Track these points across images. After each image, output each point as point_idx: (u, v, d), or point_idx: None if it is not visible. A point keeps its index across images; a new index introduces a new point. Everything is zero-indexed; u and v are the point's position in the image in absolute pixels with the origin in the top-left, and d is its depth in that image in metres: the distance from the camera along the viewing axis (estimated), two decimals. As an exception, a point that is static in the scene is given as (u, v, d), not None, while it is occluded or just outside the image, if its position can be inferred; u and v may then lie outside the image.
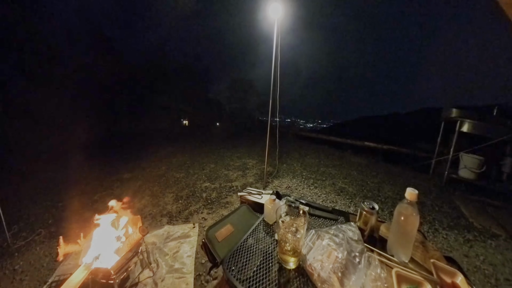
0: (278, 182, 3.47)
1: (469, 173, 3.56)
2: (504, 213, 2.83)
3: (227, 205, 2.66)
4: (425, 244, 0.79)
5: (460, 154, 3.68)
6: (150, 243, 1.87)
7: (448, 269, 0.64)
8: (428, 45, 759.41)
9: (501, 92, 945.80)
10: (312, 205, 1.03)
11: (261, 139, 4.51)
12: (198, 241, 1.95)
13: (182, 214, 2.43)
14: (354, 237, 0.73)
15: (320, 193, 3.16)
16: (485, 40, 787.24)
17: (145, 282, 1.49)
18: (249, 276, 0.63)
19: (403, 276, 0.61)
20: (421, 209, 2.80)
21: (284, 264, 0.66)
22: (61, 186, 3.23)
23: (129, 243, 1.37)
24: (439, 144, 4.61)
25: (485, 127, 3.56)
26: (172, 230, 2.10)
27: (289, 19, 2.83)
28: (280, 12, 2.64)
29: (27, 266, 1.68)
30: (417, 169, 4.72)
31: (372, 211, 0.76)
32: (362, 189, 3.39)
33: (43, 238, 2.00)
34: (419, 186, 3.64)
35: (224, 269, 0.67)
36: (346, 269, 0.62)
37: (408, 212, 0.67)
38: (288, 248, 0.64)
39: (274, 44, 2.81)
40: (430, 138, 5.62)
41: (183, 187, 3.15)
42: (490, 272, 1.81)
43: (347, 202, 2.91)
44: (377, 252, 0.72)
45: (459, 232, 2.36)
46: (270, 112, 3.14)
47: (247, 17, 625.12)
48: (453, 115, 3.88)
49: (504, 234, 2.35)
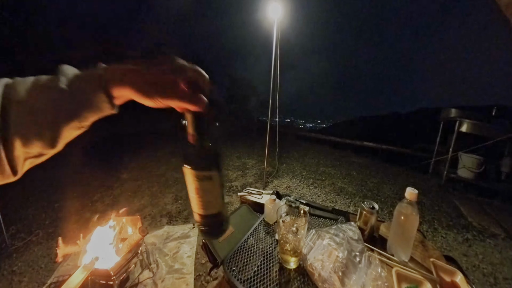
0: (277, 182, 3.47)
1: (468, 173, 3.58)
2: (503, 213, 2.84)
3: (227, 205, 2.66)
4: (424, 243, 0.79)
5: (459, 154, 3.69)
6: (150, 244, 1.86)
7: (447, 268, 0.64)
8: (428, 45, 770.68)
9: (501, 92, 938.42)
10: (312, 205, 1.03)
11: (260, 139, 4.52)
12: (198, 241, 1.95)
13: (182, 214, 2.42)
14: (355, 237, 0.73)
15: (320, 193, 3.16)
16: (485, 40, 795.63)
17: (145, 283, 1.49)
18: (249, 276, 0.63)
19: (403, 275, 0.61)
20: (421, 208, 2.81)
21: (285, 264, 0.66)
22: (60, 186, 3.21)
23: (128, 244, 1.37)
24: (438, 144, 4.63)
25: (484, 127, 3.57)
26: (172, 231, 2.09)
27: (289, 19, 2.83)
28: (280, 12, 2.64)
29: (25, 267, 1.67)
30: (417, 169, 4.73)
31: (372, 211, 0.77)
32: (361, 189, 3.40)
33: (40, 239, 1.99)
34: (419, 185, 3.65)
35: (225, 270, 0.67)
36: (347, 268, 0.62)
37: (408, 212, 0.67)
38: (289, 248, 0.64)
39: (273, 44, 2.81)
40: (429, 138, 5.64)
41: (183, 187, 3.14)
42: (489, 271, 1.82)
43: (347, 202, 2.92)
44: (377, 251, 0.72)
45: (458, 232, 2.36)
46: (269, 112, 3.14)
47: (246, 17, 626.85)
48: (452, 115, 3.90)
49: (502, 234, 2.36)
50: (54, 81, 0.28)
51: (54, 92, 0.28)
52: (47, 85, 0.28)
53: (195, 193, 0.41)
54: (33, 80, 0.28)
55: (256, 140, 7.02)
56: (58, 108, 0.28)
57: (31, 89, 0.28)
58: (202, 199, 0.42)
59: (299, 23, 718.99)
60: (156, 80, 0.29)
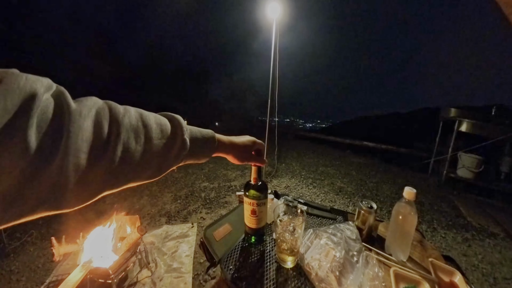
0: (277, 182, 3.47)
1: (468, 173, 3.58)
2: (502, 212, 2.84)
3: (226, 205, 2.66)
4: (423, 243, 0.79)
5: (459, 153, 3.69)
6: (149, 243, 1.86)
7: (446, 268, 0.64)
8: (427, 45, 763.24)
9: (500, 92, 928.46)
10: (310, 205, 1.03)
11: (260, 139, 4.52)
12: (196, 240, 1.95)
13: (180, 214, 2.42)
14: (352, 236, 0.73)
15: (319, 192, 3.16)
16: (484, 40, 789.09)
17: (143, 282, 1.49)
18: (246, 275, 0.62)
19: (401, 275, 0.61)
20: (420, 208, 2.81)
21: (282, 263, 0.66)
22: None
23: (127, 243, 1.36)
24: (438, 143, 4.62)
25: (484, 127, 3.57)
26: (171, 230, 2.09)
27: (288, 19, 2.82)
28: (279, 12, 2.64)
29: (23, 267, 1.67)
30: (416, 168, 4.73)
31: (370, 210, 0.76)
32: (360, 189, 3.40)
33: (34, 239, 1.98)
34: (418, 185, 3.65)
35: (222, 268, 0.66)
36: (344, 268, 0.62)
37: (406, 211, 0.67)
38: (286, 247, 0.63)
39: (272, 43, 2.80)
40: (428, 137, 5.63)
41: (182, 187, 3.14)
42: (488, 271, 1.82)
43: (346, 202, 2.92)
44: (375, 251, 0.72)
45: (457, 231, 2.36)
46: (268, 111, 3.13)
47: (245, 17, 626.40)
48: (452, 114, 3.89)
49: (502, 233, 2.36)
50: (180, 130, 0.35)
51: (179, 140, 0.35)
52: (173, 131, 0.34)
53: (251, 214, 0.68)
54: (159, 122, 0.33)
55: (256, 140, 7.00)
56: (174, 153, 0.35)
57: (159, 129, 0.33)
58: (257, 217, 0.68)
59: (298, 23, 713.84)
60: (245, 156, 0.53)
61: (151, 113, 0.33)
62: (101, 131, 0.24)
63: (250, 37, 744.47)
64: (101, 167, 0.24)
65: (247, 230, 0.74)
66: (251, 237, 0.74)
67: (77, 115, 0.22)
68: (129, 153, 0.27)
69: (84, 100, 0.25)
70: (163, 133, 0.32)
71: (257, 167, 0.65)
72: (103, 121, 0.24)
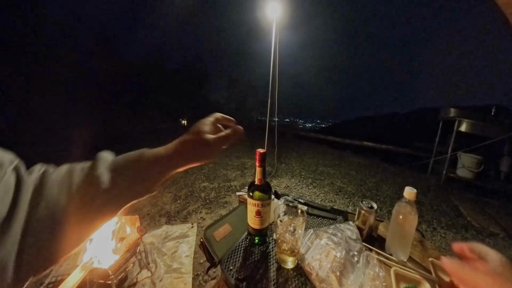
0: (276, 182, 3.47)
1: (467, 173, 3.58)
2: (502, 212, 2.85)
3: (226, 205, 2.65)
4: (423, 243, 0.79)
5: (458, 153, 3.69)
6: (149, 243, 1.86)
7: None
8: (427, 45, 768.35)
9: (500, 92, 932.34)
10: (310, 205, 1.02)
11: (260, 139, 4.51)
12: (196, 241, 1.94)
13: (180, 214, 2.42)
14: (353, 236, 0.72)
15: (319, 192, 3.16)
16: (484, 40, 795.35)
17: (143, 282, 1.48)
18: (247, 276, 0.62)
19: (402, 275, 0.61)
20: (420, 208, 2.81)
21: (282, 264, 0.66)
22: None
23: (127, 243, 1.36)
24: (438, 143, 4.63)
25: (483, 127, 3.57)
26: (171, 230, 2.09)
27: (287, 19, 2.82)
28: (278, 12, 2.64)
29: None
30: (416, 168, 4.73)
31: (371, 210, 0.76)
32: (360, 189, 3.40)
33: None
34: (418, 185, 3.65)
35: (222, 269, 0.66)
36: (345, 268, 0.62)
37: (407, 211, 0.67)
38: (286, 248, 0.63)
39: (272, 43, 2.80)
40: (428, 137, 5.64)
41: (182, 187, 3.14)
42: (488, 270, 1.82)
43: (346, 202, 2.92)
44: (375, 251, 0.72)
45: (457, 231, 2.36)
46: (268, 111, 3.14)
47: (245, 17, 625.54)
48: (451, 114, 3.90)
49: (502, 233, 2.36)
50: (140, 157, 0.37)
51: (142, 164, 0.36)
52: (135, 158, 0.37)
53: (255, 215, 0.67)
54: (125, 157, 0.37)
55: (256, 140, 7.01)
56: (139, 176, 0.37)
57: (126, 161, 0.36)
58: (262, 218, 0.68)
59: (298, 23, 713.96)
60: (209, 145, 0.40)
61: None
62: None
63: (250, 37, 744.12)
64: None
65: (250, 230, 0.73)
66: (254, 237, 0.74)
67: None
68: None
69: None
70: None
71: (262, 168, 0.63)
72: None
